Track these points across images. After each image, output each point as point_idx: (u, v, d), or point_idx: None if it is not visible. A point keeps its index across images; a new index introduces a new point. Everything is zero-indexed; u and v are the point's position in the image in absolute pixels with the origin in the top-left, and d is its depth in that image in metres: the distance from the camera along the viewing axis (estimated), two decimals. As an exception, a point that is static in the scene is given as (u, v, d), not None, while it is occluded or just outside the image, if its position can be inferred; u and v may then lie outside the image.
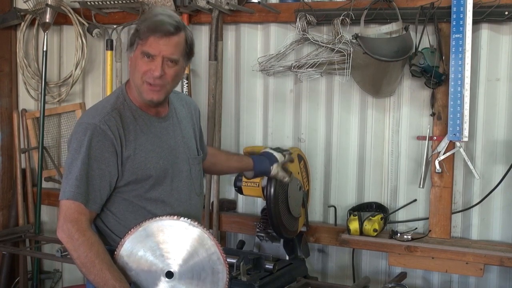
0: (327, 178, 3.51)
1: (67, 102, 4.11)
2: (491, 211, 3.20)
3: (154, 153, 2.26)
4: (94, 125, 2.17)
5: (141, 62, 2.18)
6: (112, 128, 2.18)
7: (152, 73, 2.17)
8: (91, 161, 2.16)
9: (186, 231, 2.21)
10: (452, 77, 3.03)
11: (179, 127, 2.39)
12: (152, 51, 2.16)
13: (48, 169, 4.16)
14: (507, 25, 3.09)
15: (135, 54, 2.20)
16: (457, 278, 3.29)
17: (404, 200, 3.35)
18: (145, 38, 2.16)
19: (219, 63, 3.57)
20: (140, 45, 2.18)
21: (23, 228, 4.08)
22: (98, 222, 2.28)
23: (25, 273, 4.00)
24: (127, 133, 2.21)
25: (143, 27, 2.17)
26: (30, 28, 4.10)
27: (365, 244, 3.24)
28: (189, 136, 2.44)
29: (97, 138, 2.16)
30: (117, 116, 2.21)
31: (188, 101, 2.55)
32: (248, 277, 2.83)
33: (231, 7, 3.46)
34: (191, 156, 2.41)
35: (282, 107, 3.56)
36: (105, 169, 2.18)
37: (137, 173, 2.22)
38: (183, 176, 2.35)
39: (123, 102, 2.27)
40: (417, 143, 3.28)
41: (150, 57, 2.17)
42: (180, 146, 2.36)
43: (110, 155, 2.18)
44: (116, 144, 2.18)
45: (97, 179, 2.17)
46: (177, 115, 2.40)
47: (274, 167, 2.89)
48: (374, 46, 3.13)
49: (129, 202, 2.25)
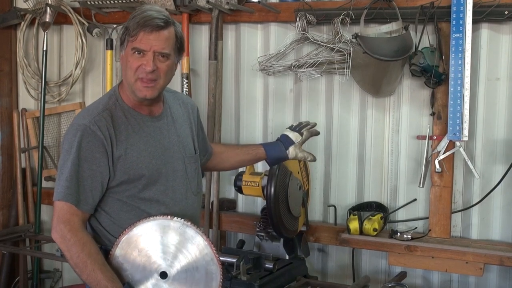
0: (327, 177, 3.51)
1: (67, 101, 4.11)
2: (491, 210, 3.20)
3: (146, 153, 2.25)
4: (84, 125, 2.18)
5: (132, 58, 2.18)
6: (102, 128, 2.18)
7: (144, 68, 2.16)
8: (81, 162, 2.16)
9: (180, 231, 2.21)
10: (452, 77, 3.04)
11: (174, 126, 2.38)
12: (143, 46, 2.16)
13: (48, 168, 4.16)
14: (507, 25, 3.09)
15: (126, 51, 2.20)
16: (457, 277, 3.29)
17: (404, 200, 3.35)
18: (135, 34, 2.15)
19: (219, 62, 3.57)
20: (130, 42, 2.17)
21: (23, 227, 4.08)
22: (93, 222, 2.28)
23: (25, 273, 4.00)
24: (118, 133, 2.21)
25: (132, 23, 2.16)
26: (30, 28, 4.10)
27: (365, 243, 3.24)
28: (185, 135, 2.43)
29: (87, 139, 2.16)
30: (107, 116, 2.21)
31: (185, 100, 2.54)
32: (248, 276, 2.83)
33: (231, 7, 3.47)
34: (186, 155, 2.39)
35: (282, 107, 3.56)
36: (96, 169, 2.18)
37: (129, 172, 2.22)
38: (178, 175, 2.34)
39: (115, 102, 2.27)
40: (417, 142, 3.28)
41: (141, 52, 2.16)
42: (175, 145, 2.35)
43: (100, 155, 2.17)
44: (106, 144, 2.18)
45: (88, 180, 2.17)
46: (172, 114, 2.39)
47: (291, 150, 2.67)
48: (374, 46, 3.13)
49: (122, 202, 2.24)
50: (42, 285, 4.26)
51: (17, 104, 4.26)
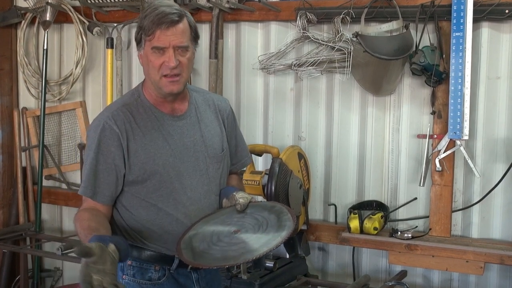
0: (327, 176, 3.51)
1: (67, 100, 4.11)
2: (492, 209, 3.20)
3: (164, 150, 2.26)
4: (103, 121, 2.23)
5: (153, 57, 2.19)
6: (118, 123, 2.21)
7: (167, 65, 2.18)
8: (98, 156, 2.21)
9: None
10: (453, 76, 3.04)
11: (198, 126, 2.36)
12: (162, 43, 2.16)
13: (48, 167, 4.16)
14: (508, 24, 3.09)
15: (145, 51, 2.21)
16: (457, 276, 3.29)
17: (404, 199, 3.35)
18: (152, 33, 2.16)
19: (220, 61, 3.57)
20: (148, 41, 2.18)
21: (24, 226, 4.08)
22: (116, 216, 2.30)
23: (26, 271, 4.00)
24: (136, 128, 2.23)
25: (147, 22, 2.17)
26: (31, 27, 4.10)
27: (365, 242, 3.24)
28: (211, 135, 2.39)
29: (104, 133, 2.21)
30: (126, 111, 2.24)
31: (216, 101, 2.48)
32: (248, 275, 2.83)
33: (231, 6, 3.47)
34: (209, 155, 2.36)
35: (282, 106, 3.56)
36: (112, 162, 2.21)
37: (145, 168, 2.23)
38: (197, 174, 2.32)
39: (137, 99, 2.29)
40: (418, 141, 3.28)
41: (161, 50, 2.18)
42: (197, 145, 2.33)
43: (116, 149, 2.20)
44: (122, 138, 2.21)
45: (104, 173, 2.21)
46: (198, 114, 2.37)
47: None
48: (375, 45, 3.13)
49: (140, 199, 2.25)
50: (43, 284, 4.26)
51: (17, 103, 4.27)
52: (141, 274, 2.30)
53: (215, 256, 2.11)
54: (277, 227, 2.17)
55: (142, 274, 2.30)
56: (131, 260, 2.29)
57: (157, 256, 2.29)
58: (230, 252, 2.11)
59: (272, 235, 2.12)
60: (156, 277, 2.30)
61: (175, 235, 2.23)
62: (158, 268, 2.30)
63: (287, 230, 2.13)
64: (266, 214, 2.25)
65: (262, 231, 2.16)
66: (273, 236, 2.12)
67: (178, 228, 2.25)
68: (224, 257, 2.10)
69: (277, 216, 2.23)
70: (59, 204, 4.19)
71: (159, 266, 2.30)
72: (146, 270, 2.30)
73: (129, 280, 2.30)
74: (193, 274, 2.35)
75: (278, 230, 2.15)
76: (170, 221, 2.25)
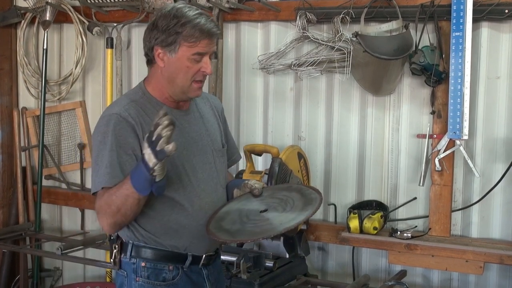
0: (327, 176, 3.51)
1: (67, 100, 4.11)
2: (491, 209, 3.20)
3: (178, 143, 2.25)
4: (115, 114, 2.20)
5: (191, 63, 2.23)
6: (132, 115, 2.21)
7: (204, 71, 2.24)
8: (117, 148, 2.18)
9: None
10: (452, 75, 3.04)
11: (202, 121, 2.40)
12: (205, 50, 2.23)
13: (48, 167, 4.16)
14: (507, 23, 3.09)
15: (179, 55, 2.22)
16: (457, 276, 3.30)
17: (404, 198, 3.35)
18: (197, 41, 2.20)
19: (219, 61, 3.57)
20: (189, 47, 2.20)
21: (23, 226, 4.08)
22: None
23: (26, 271, 4.00)
24: (148, 122, 2.21)
25: (191, 31, 2.19)
26: (30, 26, 4.10)
27: (365, 242, 3.24)
28: (213, 129, 2.44)
29: (119, 126, 2.19)
30: (137, 106, 2.25)
31: (210, 99, 2.56)
32: (248, 275, 2.83)
33: (231, 5, 3.47)
34: (215, 149, 2.41)
35: (282, 105, 3.56)
36: (132, 153, 2.19)
37: None
38: (207, 167, 2.35)
39: (142, 95, 2.30)
40: (417, 141, 3.28)
41: (201, 56, 2.23)
42: (204, 139, 2.37)
43: (133, 140, 2.19)
44: (137, 129, 2.20)
45: (127, 164, 2.17)
46: (199, 110, 2.42)
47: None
48: (374, 44, 3.13)
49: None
50: (43, 284, 4.26)
51: (17, 102, 4.26)
52: (155, 275, 2.29)
53: (253, 230, 2.13)
54: (304, 202, 2.21)
55: (156, 275, 2.29)
56: (144, 262, 2.29)
57: (171, 255, 2.29)
58: (267, 226, 2.13)
59: (302, 209, 2.17)
60: (170, 277, 2.30)
61: (190, 229, 2.26)
62: (171, 268, 2.30)
63: (316, 201, 2.19)
64: (287, 193, 2.30)
65: (290, 208, 2.20)
66: (302, 211, 2.16)
67: (193, 222, 2.27)
68: (262, 231, 2.12)
69: (299, 193, 2.29)
70: (59, 204, 4.19)
71: (172, 266, 2.30)
72: (160, 271, 2.30)
73: (143, 282, 2.29)
74: (203, 270, 2.36)
75: (306, 204, 2.19)
76: (186, 215, 2.26)
